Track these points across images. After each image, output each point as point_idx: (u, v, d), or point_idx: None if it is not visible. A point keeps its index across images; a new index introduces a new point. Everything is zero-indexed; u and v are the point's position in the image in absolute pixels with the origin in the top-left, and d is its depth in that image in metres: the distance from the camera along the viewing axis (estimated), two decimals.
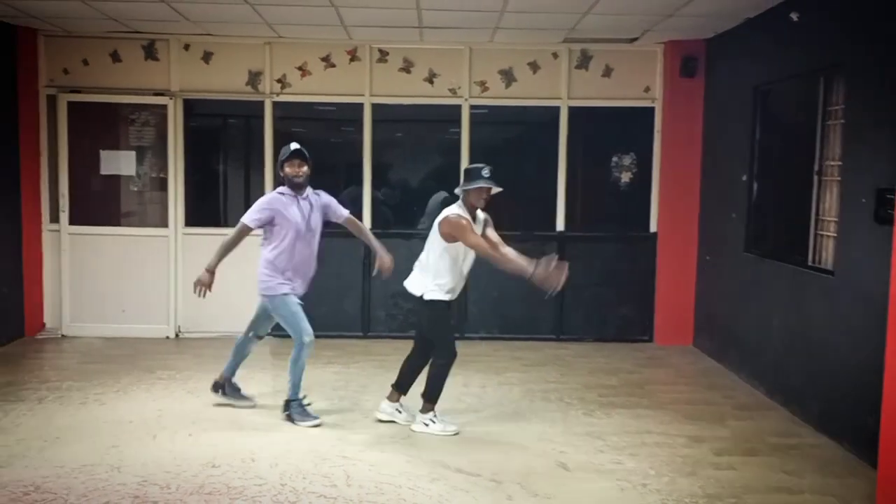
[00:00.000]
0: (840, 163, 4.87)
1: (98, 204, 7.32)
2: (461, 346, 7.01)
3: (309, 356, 4.93)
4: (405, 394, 4.99)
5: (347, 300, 7.37)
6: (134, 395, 5.45)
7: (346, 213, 5.19)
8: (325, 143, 7.89)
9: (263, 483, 3.97)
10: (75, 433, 4.65)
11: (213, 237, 7.23)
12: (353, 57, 7.17)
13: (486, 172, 4.69)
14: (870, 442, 4.15)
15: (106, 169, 7.18)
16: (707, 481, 4.11)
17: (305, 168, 4.90)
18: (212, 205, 7.60)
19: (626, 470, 4.26)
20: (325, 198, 5.11)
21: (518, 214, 7.33)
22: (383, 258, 5.01)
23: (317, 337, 4.95)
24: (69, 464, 4.15)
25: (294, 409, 4.90)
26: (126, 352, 6.64)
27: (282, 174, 4.95)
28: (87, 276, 7.19)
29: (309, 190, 5.01)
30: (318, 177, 7.92)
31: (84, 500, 3.73)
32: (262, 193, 7.19)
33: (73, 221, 7.13)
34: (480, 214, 4.80)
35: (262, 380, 6.00)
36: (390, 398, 4.98)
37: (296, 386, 4.92)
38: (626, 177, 7.44)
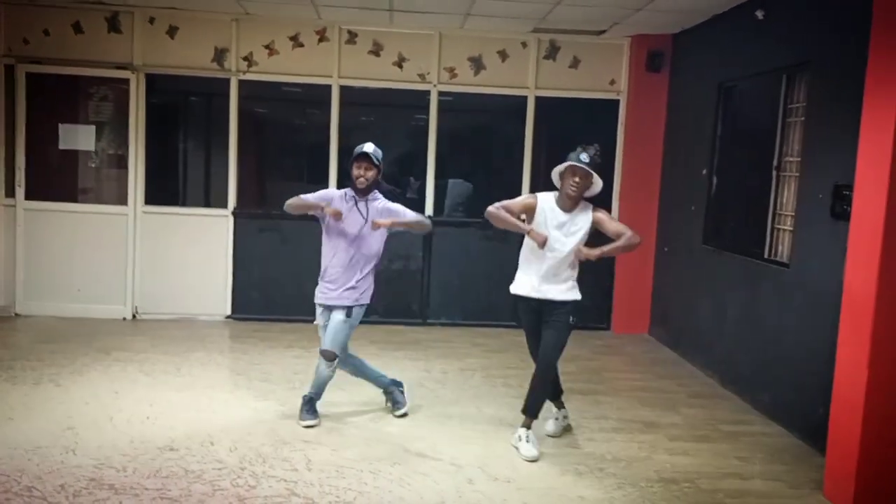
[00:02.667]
0: (799, 159, 4.99)
1: (55, 179, 7.15)
2: (422, 332, 7.17)
3: (322, 372, 4.60)
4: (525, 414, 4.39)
5: (308, 284, 7.27)
6: (89, 377, 5.34)
7: (412, 216, 4.68)
8: (291, 124, 7.83)
9: (223, 467, 3.94)
10: (29, 414, 4.56)
11: (174, 216, 7.19)
12: (322, 37, 7.09)
13: (583, 156, 4.09)
14: (818, 430, 4.30)
15: (64, 143, 6.99)
16: (662, 466, 4.21)
17: (371, 173, 4.51)
18: (173, 183, 7.47)
19: (583, 454, 4.34)
20: (391, 207, 4.62)
21: (483, 201, 7.34)
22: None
23: (277, 321, 4.83)
24: (22, 445, 4.07)
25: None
26: (81, 332, 6.51)
27: (351, 174, 4.60)
28: (42, 254, 7.02)
29: (374, 197, 4.61)
30: (282, 158, 7.96)
31: (38, 482, 3.66)
32: (225, 173, 7.17)
33: (29, 196, 6.95)
34: (583, 215, 4.22)
35: (221, 363, 5.95)
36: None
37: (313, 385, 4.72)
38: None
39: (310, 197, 4.64)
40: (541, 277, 4.27)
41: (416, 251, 7.40)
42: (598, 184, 4.23)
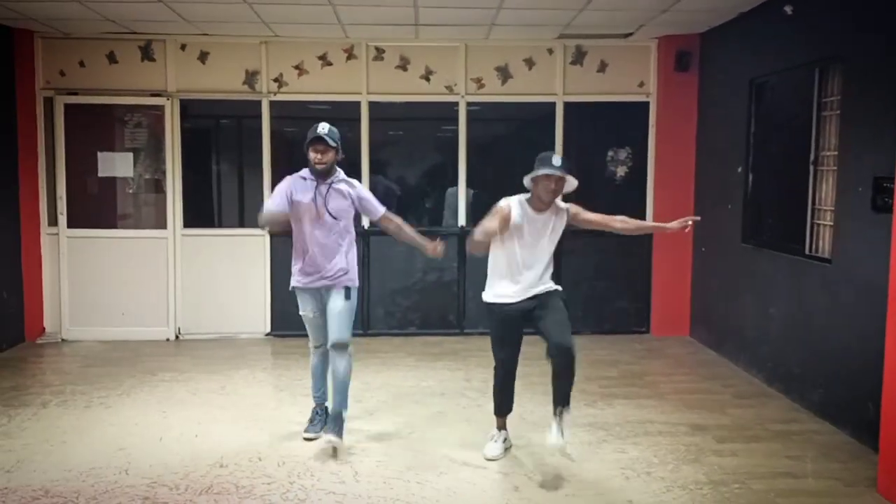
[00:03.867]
0: (836, 153, 4.93)
1: (96, 207, 7.32)
2: (460, 342, 7.18)
3: (313, 364, 4.67)
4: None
5: None
6: (137, 398, 5.45)
7: (381, 210, 4.55)
8: None
9: (272, 482, 3.99)
10: (81, 437, 4.66)
11: (212, 238, 7.32)
12: (350, 55, 7.19)
13: (555, 160, 3.97)
14: (870, 426, 4.22)
15: (103, 171, 7.17)
16: (711, 468, 4.17)
17: (330, 155, 4.36)
18: (210, 206, 7.60)
19: (630, 458, 4.31)
20: (361, 191, 4.54)
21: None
22: (429, 247, 4.51)
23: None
24: (77, 467, 4.16)
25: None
26: (127, 355, 6.65)
27: (307, 157, 4.42)
28: (86, 280, 7.18)
29: (338, 178, 4.48)
30: None
31: (94, 502, 3.75)
32: (260, 194, 7.27)
33: (71, 224, 7.13)
34: (558, 212, 4.16)
35: (264, 380, 6.02)
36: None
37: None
38: (621, 171, 7.49)
39: (272, 206, 4.43)
40: (522, 281, 4.16)
41: (451, 262, 7.42)
42: (572, 183, 4.06)
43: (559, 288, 4.29)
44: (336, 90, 7.21)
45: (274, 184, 7.18)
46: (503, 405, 4.47)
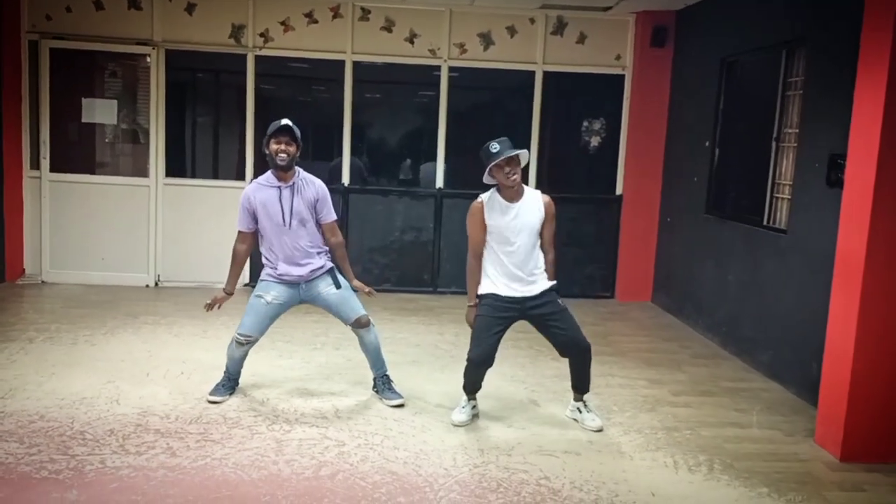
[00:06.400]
0: (797, 130, 5.24)
1: (78, 152, 7.40)
2: (434, 300, 7.45)
3: (233, 352, 4.47)
4: (577, 392, 4.39)
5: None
6: (122, 338, 5.63)
7: (333, 217, 4.47)
8: (305, 100, 8.04)
9: (258, 414, 4.24)
10: (70, 370, 4.85)
11: (193, 188, 7.45)
12: (336, 14, 7.30)
13: (493, 147, 3.94)
14: (813, 385, 4.59)
15: (87, 117, 7.24)
16: (665, 416, 4.51)
17: (293, 149, 4.23)
18: (192, 156, 7.72)
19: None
20: (321, 190, 4.40)
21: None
22: (360, 288, 4.56)
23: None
24: (69, 396, 4.36)
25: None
26: (107, 298, 6.80)
27: (266, 151, 4.26)
28: (67, 224, 7.29)
29: (299, 175, 4.35)
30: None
31: (89, 427, 3.96)
32: (241, 147, 7.40)
33: (53, 169, 7.21)
34: (532, 200, 4.10)
35: None
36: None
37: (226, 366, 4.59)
38: (595, 141, 7.76)
39: (241, 227, 4.38)
40: (511, 276, 4.11)
41: (427, 223, 7.66)
42: (524, 155, 4.01)
43: (554, 282, 4.23)
44: (321, 48, 7.33)
45: (257, 138, 7.38)
46: (475, 387, 4.38)
